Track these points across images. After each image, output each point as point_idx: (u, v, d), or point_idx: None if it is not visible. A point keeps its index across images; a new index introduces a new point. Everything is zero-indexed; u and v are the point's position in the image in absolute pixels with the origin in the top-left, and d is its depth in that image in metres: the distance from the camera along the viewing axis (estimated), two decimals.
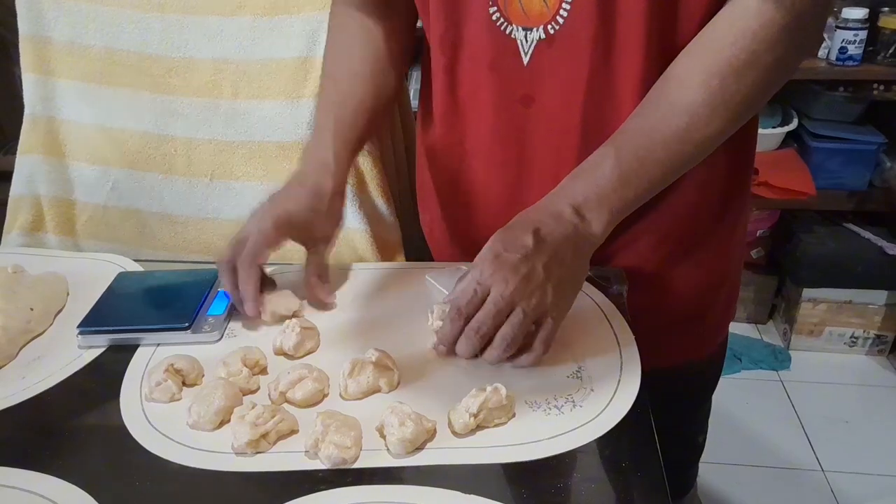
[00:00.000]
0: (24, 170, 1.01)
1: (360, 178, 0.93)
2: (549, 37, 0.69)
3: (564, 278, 0.64)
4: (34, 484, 0.54)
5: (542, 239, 0.63)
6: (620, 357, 0.66)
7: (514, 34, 0.71)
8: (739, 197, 0.82)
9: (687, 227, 0.79)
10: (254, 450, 0.56)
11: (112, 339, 0.70)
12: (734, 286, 0.89)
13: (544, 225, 0.64)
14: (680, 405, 0.89)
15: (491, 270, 0.62)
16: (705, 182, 0.76)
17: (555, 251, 0.63)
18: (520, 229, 0.64)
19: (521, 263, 0.62)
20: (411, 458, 0.56)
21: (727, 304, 0.89)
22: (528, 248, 0.63)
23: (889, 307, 2.02)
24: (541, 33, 0.70)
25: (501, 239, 0.64)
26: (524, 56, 0.71)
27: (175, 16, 0.93)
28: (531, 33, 0.70)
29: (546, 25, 0.69)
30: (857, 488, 1.66)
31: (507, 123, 0.75)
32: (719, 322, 0.90)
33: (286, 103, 0.92)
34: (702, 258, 0.81)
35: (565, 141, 0.74)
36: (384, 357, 0.64)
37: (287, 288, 0.77)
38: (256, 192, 0.96)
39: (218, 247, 0.99)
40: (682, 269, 0.81)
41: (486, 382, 0.59)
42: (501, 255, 0.63)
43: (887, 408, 1.91)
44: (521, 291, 0.61)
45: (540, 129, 0.74)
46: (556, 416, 0.60)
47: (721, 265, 0.84)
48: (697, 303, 0.84)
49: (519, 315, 0.61)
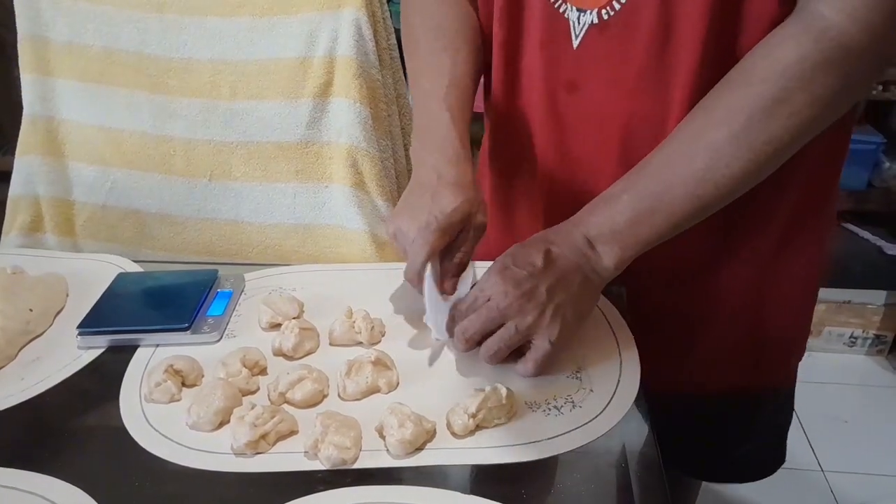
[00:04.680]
0: (23, 170, 1.01)
1: (359, 178, 0.93)
2: (603, 22, 0.66)
3: (566, 304, 0.63)
4: (34, 484, 0.54)
5: (552, 261, 0.63)
6: (620, 357, 0.66)
7: (567, 14, 0.68)
8: (809, 238, 0.77)
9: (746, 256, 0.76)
10: (253, 450, 0.56)
11: (112, 339, 0.70)
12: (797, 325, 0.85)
13: (557, 248, 0.63)
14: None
15: (494, 281, 0.63)
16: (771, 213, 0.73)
17: (562, 276, 0.63)
18: (533, 247, 0.64)
19: (525, 280, 0.62)
20: (411, 459, 0.56)
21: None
22: (535, 267, 0.62)
23: (888, 307, 2.02)
24: (594, 17, 0.67)
25: (513, 253, 0.64)
26: (574, 39, 0.68)
27: (174, 16, 0.93)
28: (584, 15, 0.67)
29: (601, 9, 0.66)
30: (857, 488, 1.66)
31: (552, 108, 0.73)
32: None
33: (285, 104, 0.92)
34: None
35: (606, 134, 0.71)
36: (383, 357, 0.64)
37: (288, 289, 0.77)
38: (255, 192, 0.96)
39: (217, 247, 0.99)
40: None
41: (485, 383, 0.59)
42: (509, 268, 0.63)
43: (887, 408, 1.91)
44: (517, 308, 0.61)
45: (581, 118, 0.72)
46: (556, 416, 0.60)
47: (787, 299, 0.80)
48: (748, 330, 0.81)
49: (510, 330, 0.61)
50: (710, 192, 0.62)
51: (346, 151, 0.92)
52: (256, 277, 0.81)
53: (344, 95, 0.91)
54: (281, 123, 0.93)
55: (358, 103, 0.91)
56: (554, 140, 0.75)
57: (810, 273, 0.80)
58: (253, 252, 0.99)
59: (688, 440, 0.86)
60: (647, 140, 0.68)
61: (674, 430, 0.73)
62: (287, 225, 0.97)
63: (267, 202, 0.96)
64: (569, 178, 0.76)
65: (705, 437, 0.88)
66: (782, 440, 0.94)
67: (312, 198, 0.95)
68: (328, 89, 0.92)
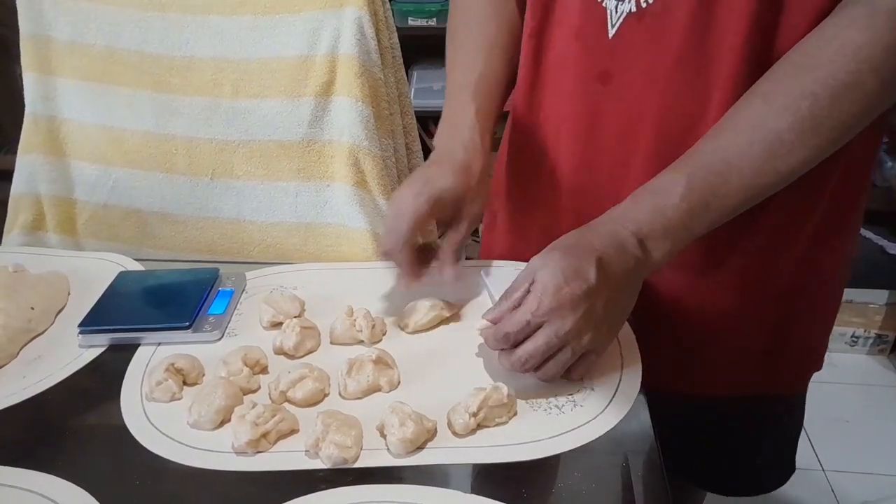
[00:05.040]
0: (25, 169, 1.01)
1: (361, 177, 0.93)
2: (641, 11, 0.64)
3: (618, 314, 0.62)
4: (35, 483, 0.54)
5: (605, 273, 0.59)
6: (621, 357, 0.66)
7: (605, 3, 0.66)
8: (837, 241, 0.74)
9: (763, 261, 0.73)
10: (254, 449, 0.56)
11: (113, 338, 0.70)
12: (817, 330, 0.82)
13: (607, 256, 0.60)
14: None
15: (550, 306, 0.58)
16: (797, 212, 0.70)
17: (616, 287, 0.60)
18: (584, 259, 0.59)
19: (582, 301, 0.58)
20: (411, 458, 0.56)
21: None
22: (590, 284, 0.58)
23: (890, 306, 2.01)
24: (632, 5, 0.65)
25: (563, 269, 0.59)
26: (611, 28, 0.66)
27: (176, 15, 0.93)
28: (622, 4, 0.65)
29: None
30: (858, 488, 1.66)
31: (583, 100, 0.71)
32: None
33: (287, 102, 0.92)
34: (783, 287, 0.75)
35: (639, 128, 0.69)
36: (384, 356, 0.64)
37: (289, 287, 0.77)
38: (257, 191, 0.96)
39: (218, 245, 0.99)
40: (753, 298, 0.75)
41: (486, 382, 0.59)
42: (563, 289, 0.58)
43: (888, 407, 1.91)
44: (577, 331, 0.59)
45: (614, 110, 0.70)
46: (557, 415, 0.60)
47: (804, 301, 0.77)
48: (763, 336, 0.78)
49: (568, 353, 0.59)
50: (768, 181, 0.60)
51: (347, 150, 0.92)
52: (258, 276, 0.81)
53: (346, 94, 0.91)
54: (283, 122, 0.93)
55: (360, 102, 0.91)
56: (582, 133, 0.73)
57: (837, 278, 0.78)
58: (254, 251, 0.99)
59: (698, 450, 0.86)
60: (681, 136, 0.66)
61: (685, 440, 0.73)
62: (289, 224, 0.97)
63: (269, 201, 0.96)
64: (596, 173, 0.74)
65: (715, 447, 0.87)
66: (793, 451, 0.92)
67: (314, 196, 0.95)
68: (330, 88, 0.92)
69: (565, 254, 0.60)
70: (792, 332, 0.78)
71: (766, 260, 0.72)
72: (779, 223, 0.70)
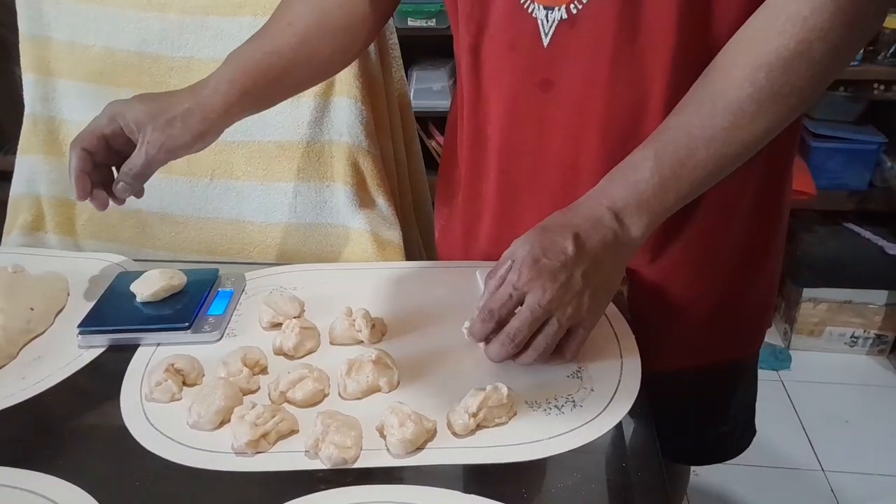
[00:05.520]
0: (25, 170, 1.01)
1: (361, 178, 0.93)
2: (572, 17, 0.66)
3: (601, 286, 0.63)
4: (34, 484, 0.54)
5: (582, 245, 0.61)
6: (621, 357, 0.66)
7: (535, 13, 0.68)
8: (775, 210, 0.79)
9: (716, 236, 0.76)
10: (254, 450, 0.56)
11: (112, 338, 0.70)
12: (764, 302, 0.87)
13: (584, 231, 0.62)
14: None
15: (529, 276, 0.60)
16: (738, 188, 0.73)
17: (594, 259, 0.62)
18: (559, 234, 0.62)
19: (560, 271, 0.60)
20: (411, 458, 0.56)
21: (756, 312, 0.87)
22: (567, 255, 0.61)
23: (889, 307, 2.02)
24: (563, 13, 0.66)
25: (539, 243, 0.61)
26: (544, 37, 0.68)
27: (175, 16, 0.93)
28: (552, 13, 0.67)
29: (569, 5, 0.66)
30: (858, 488, 1.66)
31: (525, 108, 0.73)
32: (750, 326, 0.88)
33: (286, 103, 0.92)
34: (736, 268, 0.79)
35: (586, 129, 0.70)
36: (383, 356, 0.64)
37: (289, 288, 0.77)
38: (257, 191, 0.96)
39: (218, 246, 0.99)
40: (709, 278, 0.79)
41: (486, 382, 0.59)
42: (541, 260, 0.60)
43: (887, 408, 1.91)
44: (559, 300, 0.60)
45: (559, 115, 0.71)
46: (557, 415, 0.60)
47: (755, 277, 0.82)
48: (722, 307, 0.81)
49: (554, 325, 0.61)
50: (735, 151, 0.63)
51: (347, 151, 0.92)
52: (257, 277, 0.81)
53: (345, 95, 0.91)
54: (282, 123, 0.93)
55: (359, 102, 0.91)
56: (530, 141, 0.75)
57: (780, 231, 0.82)
58: (254, 251, 0.99)
59: (664, 424, 0.87)
60: (627, 135, 0.68)
61: (656, 413, 0.73)
62: (288, 224, 0.97)
63: (268, 201, 0.96)
64: (550, 178, 0.75)
65: (680, 419, 0.87)
66: (752, 415, 0.96)
67: (314, 197, 0.95)
68: (329, 88, 0.92)
69: (543, 231, 0.63)
70: (744, 295, 0.82)
71: (715, 227, 0.75)
72: (725, 190, 0.72)
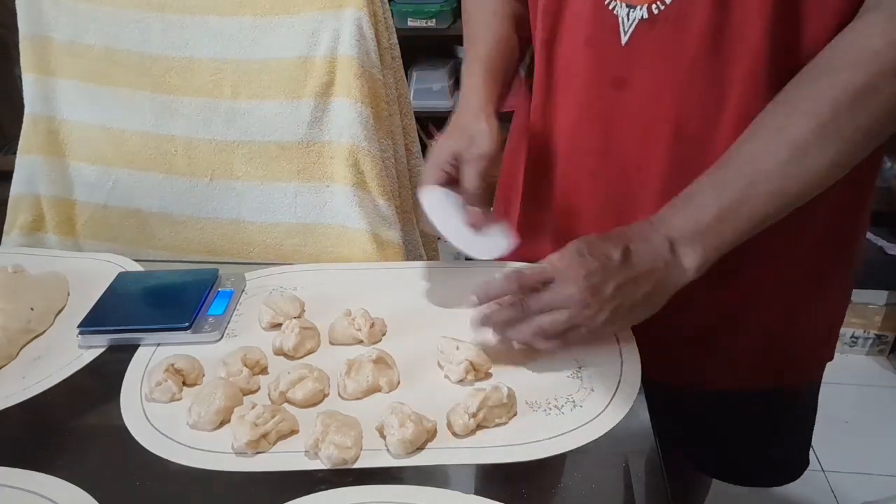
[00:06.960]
0: (25, 170, 1.01)
1: (361, 178, 0.93)
2: (653, 17, 0.65)
3: (629, 308, 0.62)
4: (35, 483, 0.54)
5: (628, 259, 0.61)
6: (621, 357, 0.66)
7: (616, 10, 0.67)
8: (845, 242, 0.77)
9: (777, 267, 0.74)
10: (254, 450, 0.56)
11: (112, 339, 0.70)
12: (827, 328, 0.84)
13: (637, 249, 0.62)
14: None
15: (566, 263, 0.61)
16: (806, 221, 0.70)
17: (635, 278, 0.61)
18: (611, 241, 0.62)
19: (596, 273, 0.60)
20: (411, 458, 0.56)
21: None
22: (611, 261, 0.61)
23: (889, 307, 2.01)
24: (644, 12, 0.65)
25: (591, 241, 0.62)
26: (623, 35, 0.67)
27: (175, 15, 0.93)
28: (634, 11, 0.66)
29: (650, 5, 0.65)
30: (857, 488, 1.65)
31: (596, 106, 0.72)
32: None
33: (286, 103, 0.92)
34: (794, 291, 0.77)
35: (655, 131, 0.69)
36: (384, 356, 0.64)
37: (289, 288, 0.77)
38: (256, 191, 0.96)
39: (218, 246, 0.99)
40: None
41: (486, 382, 0.59)
42: (584, 256, 0.61)
43: (887, 408, 1.91)
44: (579, 299, 0.60)
45: (629, 115, 0.70)
46: (557, 415, 0.60)
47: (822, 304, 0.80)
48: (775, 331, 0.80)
49: (564, 315, 0.61)
50: (796, 187, 0.61)
51: (347, 151, 0.92)
52: (257, 277, 0.81)
53: (345, 95, 0.91)
54: (282, 123, 0.93)
55: (359, 103, 0.91)
56: (599, 140, 0.74)
57: (847, 266, 0.79)
58: (254, 251, 0.99)
59: (715, 442, 0.86)
60: (698, 138, 0.67)
61: (702, 433, 0.73)
62: (288, 224, 0.97)
63: (268, 202, 0.96)
64: (613, 179, 0.74)
65: (734, 438, 0.87)
66: (807, 446, 0.93)
67: (314, 197, 0.95)
68: (329, 89, 0.92)
69: (599, 235, 0.63)
70: (803, 325, 0.79)
71: (779, 253, 0.73)
72: (791, 218, 0.70)
